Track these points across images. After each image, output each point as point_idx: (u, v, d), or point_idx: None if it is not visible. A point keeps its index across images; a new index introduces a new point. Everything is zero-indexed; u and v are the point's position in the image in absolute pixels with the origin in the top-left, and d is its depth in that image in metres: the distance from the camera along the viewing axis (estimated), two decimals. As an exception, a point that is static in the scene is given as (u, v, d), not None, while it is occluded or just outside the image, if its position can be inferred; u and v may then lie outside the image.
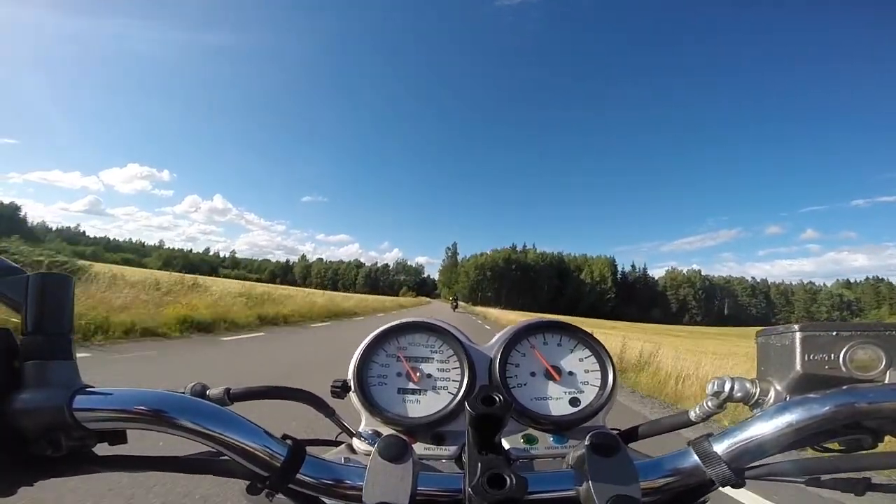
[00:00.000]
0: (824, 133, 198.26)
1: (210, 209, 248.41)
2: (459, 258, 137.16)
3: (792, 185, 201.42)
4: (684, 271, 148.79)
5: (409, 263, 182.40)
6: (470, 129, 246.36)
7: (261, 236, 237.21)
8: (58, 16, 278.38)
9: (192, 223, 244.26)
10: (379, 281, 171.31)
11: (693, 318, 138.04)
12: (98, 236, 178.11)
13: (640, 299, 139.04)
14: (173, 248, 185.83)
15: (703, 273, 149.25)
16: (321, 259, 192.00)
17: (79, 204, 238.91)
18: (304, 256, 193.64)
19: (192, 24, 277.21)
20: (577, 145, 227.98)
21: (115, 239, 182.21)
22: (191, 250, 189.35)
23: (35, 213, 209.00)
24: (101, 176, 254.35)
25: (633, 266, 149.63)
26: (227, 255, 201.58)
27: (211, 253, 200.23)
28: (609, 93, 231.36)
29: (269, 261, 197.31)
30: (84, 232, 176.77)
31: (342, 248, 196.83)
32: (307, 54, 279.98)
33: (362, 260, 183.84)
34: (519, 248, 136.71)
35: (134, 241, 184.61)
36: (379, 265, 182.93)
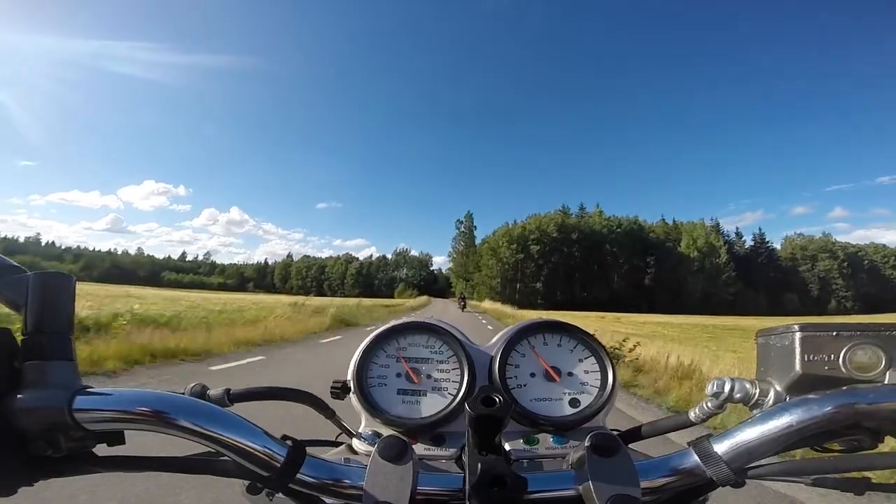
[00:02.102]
0: (844, 112, 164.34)
1: (228, 221, 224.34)
2: (478, 237, 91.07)
3: (815, 165, 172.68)
4: (817, 236, 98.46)
5: (412, 253, 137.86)
6: (478, 121, 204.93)
7: (279, 245, 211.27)
8: (65, 39, 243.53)
9: (211, 236, 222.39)
10: (373, 278, 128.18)
11: (841, 303, 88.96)
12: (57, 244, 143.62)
13: (764, 281, 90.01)
14: (94, 251, 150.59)
15: (832, 239, 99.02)
16: (307, 256, 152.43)
17: (101, 223, 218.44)
18: (289, 255, 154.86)
19: (199, 45, 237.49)
20: (589, 139, 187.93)
21: (53, 242, 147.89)
22: (125, 252, 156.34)
23: (59, 233, 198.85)
24: (119, 194, 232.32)
25: (737, 232, 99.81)
26: (202, 259, 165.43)
27: (189, 258, 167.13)
28: (619, 83, 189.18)
29: (250, 264, 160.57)
30: (52, 242, 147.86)
31: (359, 252, 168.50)
32: (308, 65, 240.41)
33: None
34: (573, 210, 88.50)
35: (60, 246, 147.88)
36: (374, 258, 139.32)
